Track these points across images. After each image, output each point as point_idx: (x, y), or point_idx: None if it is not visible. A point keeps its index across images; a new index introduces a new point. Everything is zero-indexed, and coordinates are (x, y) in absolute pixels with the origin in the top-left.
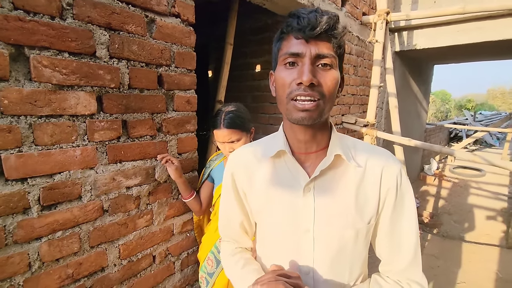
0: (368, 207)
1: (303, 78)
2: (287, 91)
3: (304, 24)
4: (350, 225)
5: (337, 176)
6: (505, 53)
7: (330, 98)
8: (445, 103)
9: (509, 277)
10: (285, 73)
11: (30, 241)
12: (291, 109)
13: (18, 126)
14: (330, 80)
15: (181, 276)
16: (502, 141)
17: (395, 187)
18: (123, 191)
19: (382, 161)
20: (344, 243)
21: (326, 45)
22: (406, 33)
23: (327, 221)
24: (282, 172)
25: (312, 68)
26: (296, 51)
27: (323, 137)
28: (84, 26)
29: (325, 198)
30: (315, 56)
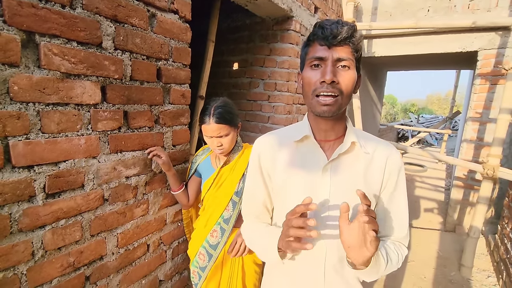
0: (373, 186)
1: (326, 77)
2: (312, 88)
3: (327, 34)
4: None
5: (349, 160)
6: (445, 64)
7: (347, 94)
8: (393, 106)
9: (447, 254)
10: (311, 73)
11: (35, 229)
12: (315, 104)
13: (27, 113)
14: (348, 79)
15: (172, 265)
16: (440, 141)
17: (396, 172)
18: (123, 181)
19: (387, 151)
20: (353, 214)
21: (345, 50)
22: (366, 41)
23: (340, 196)
24: (305, 154)
25: (333, 69)
26: (320, 56)
27: (340, 127)
28: (93, 17)
29: (339, 176)
30: (336, 59)
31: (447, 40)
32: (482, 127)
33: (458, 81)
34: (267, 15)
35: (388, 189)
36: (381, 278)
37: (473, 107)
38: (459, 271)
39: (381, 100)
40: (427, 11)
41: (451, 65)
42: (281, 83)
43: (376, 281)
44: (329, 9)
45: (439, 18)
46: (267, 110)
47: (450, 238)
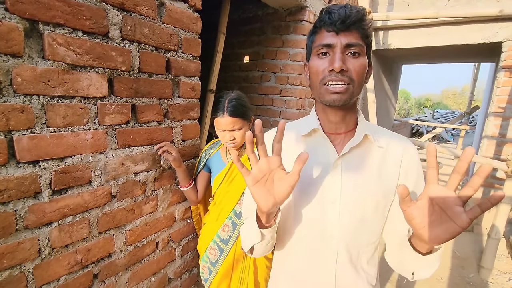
0: (388, 183)
1: (334, 65)
2: (320, 77)
3: (335, 19)
4: (372, 197)
5: (362, 154)
6: (464, 56)
7: (358, 82)
8: (406, 101)
9: (465, 255)
10: (318, 62)
11: (41, 227)
12: (324, 92)
13: (31, 106)
14: (358, 66)
15: (181, 262)
16: (456, 137)
17: (415, 167)
18: (131, 177)
19: (402, 145)
20: (366, 212)
21: (355, 36)
22: (382, 33)
23: (352, 193)
24: (314, 149)
25: (342, 56)
26: (328, 42)
27: (351, 119)
28: (99, 5)
29: (351, 173)
30: (345, 45)
31: (469, 31)
32: (505, 123)
33: (478, 74)
34: (280, 5)
35: (409, 186)
36: (394, 279)
37: (496, 102)
38: (478, 273)
39: (395, 95)
40: (447, 0)
41: (471, 58)
42: (293, 76)
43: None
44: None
45: (461, 7)
46: (278, 105)
47: (468, 238)
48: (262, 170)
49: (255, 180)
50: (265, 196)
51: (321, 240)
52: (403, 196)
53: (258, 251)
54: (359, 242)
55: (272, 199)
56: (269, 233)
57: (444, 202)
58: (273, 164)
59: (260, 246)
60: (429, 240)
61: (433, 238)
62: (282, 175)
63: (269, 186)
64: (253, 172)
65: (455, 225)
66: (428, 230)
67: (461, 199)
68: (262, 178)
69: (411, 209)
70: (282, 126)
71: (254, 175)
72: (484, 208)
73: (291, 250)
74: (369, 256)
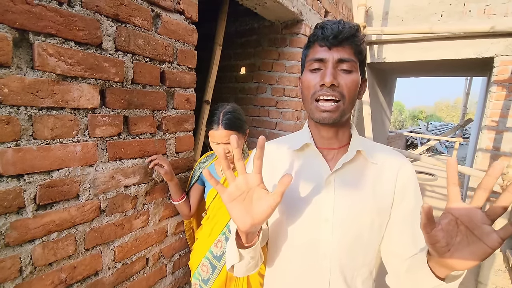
0: (383, 201)
1: (325, 80)
2: (311, 92)
3: (327, 34)
4: (366, 215)
5: (355, 171)
6: (457, 71)
7: (350, 98)
8: (401, 113)
9: None
10: (310, 76)
11: (23, 244)
12: (314, 110)
13: (18, 118)
14: (350, 82)
15: (173, 279)
16: (450, 149)
17: (412, 185)
18: (121, 190)
19: (398, 162)
20: (360, 231)
21: (347, 51)
22: (376, 46)
23: (345, 211)
24: (305, 164)
25: (333, 71)
26: (320, 57)
27: (344, 135)
28: (92, 16)
29: (344, 190)
30: (337, 60)
31: (461, 46)
32: (499, 136)
33: (470, 88)
34: (276, 18)
35: (408, 204)
36: None
37: (489, 115)
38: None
39: (390, 107)
40: (440, 16)
41: (464, 72)
42: (289, 88)
43: None
44: (339, 13)
45: (453, 23)
46: (274, 116)
47: None
48: (240, 187)
49: (231, 197)
50: (242, 215)
51: (314, 259)
52: (429, 217)
53: (240, 271)
54: (353, 262)
55: (249, 219)
56: (248, 254)
57: (470, 221)
58: (252, 182)
59: (239, 266)
60: (454, 266)
61: (459, 263)
62: (262, 195)
63: (247, 205)
64: (230, 189)
65: (485, 246)
66: (453, 254)
67: (489, 217)
68: (240, 196)
69: (435, 231)
70: (262, 142)
71: (230, 193)
72: None
73: (283, 268)
74: (364, 278)
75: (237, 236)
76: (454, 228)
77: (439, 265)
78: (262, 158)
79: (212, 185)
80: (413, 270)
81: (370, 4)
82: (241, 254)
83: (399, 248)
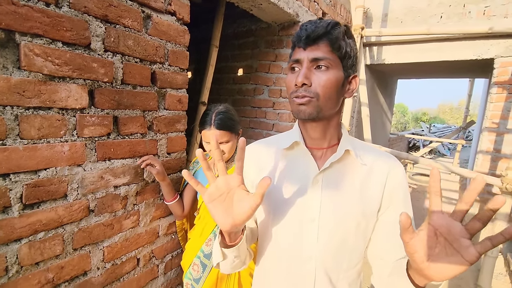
0: (371, 203)
1: (297, 80)
2: (290, 92)
3: (302, 34)
4: (353, 217)
5: (344, 171)
6: (457, 72)
7: (325, 96)
8: (404, 115)
9: (461, 274)
10: (290, 77)
11: (9, 243)
12: (292, 105)
13: (3, 117)
14: (324, 80)
15: (164, 280)
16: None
17: (401, 187)
18: (111, 190)
19: (389, 164)
20: (346, 233)
21: (322, 49)
22: (376, 48)
23: (332, 212)
24: (294, 163)
25: (306, 71)
26: (296, 58)
27: (333, 135)
28: (80, 16)
29: (331, 190)
30: (311, 60)
31: (461, 47)
32: (499, 138)
33: (472, 89)
34: (272, 20)
35: (396, 206)
36: None
37: (490, 117)
38: None
39: (391, 109)
40: (439, 18)
41: (464, 74)
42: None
43: None
44: (337, 15)
45: (453, 24)
46: (271, 118)
47: None
48: (220, 188)
49: (211, 198)
50: (222, 216)
51: (299, 260)
52: (406, 226)
53: (225, 269)
54: (338, 265)
55: (230, 220)
56: (232, 253)
57: (449, 233)
58: (232, 182)
59: (225, 264)
60: (431, 276)
61: (436, 274)
62: (242, 196)
63: (228, 206)
64: (210, 190)
65: (463, 259)
66: (431, 264)
67: (468, 231)
68: (220, 197)
69: (413, 241)
70: (242, 144)
71: (210, 193)
72: (495, 243)
73: (269, 269)
74: (351, 280)
75: (222, 235)
76: (433, 239)
77: (418, 274)
78: (243, 159)
79: (192, 185)
80: (394, 276)
81: (369, 6)
82: (224, 253)
83: (385, 252)
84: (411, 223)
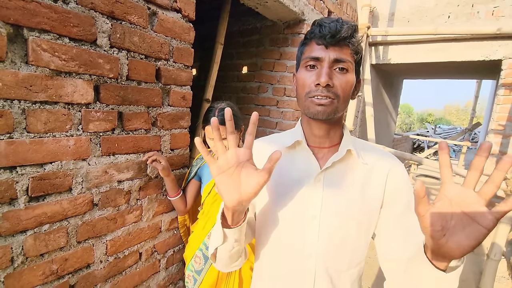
0: (371, 202)
1: (321, 79)
2: (306, 91)
3: (325, 32)
4: (354, 216)
5: (345, 170)
6: (464, 73)
7: (344, 98)
8: (409, 116)
9: (464, 276)
10: (306, 74)
11: (15, 234)
12: (309, 105)
13: (11, 111)
14: (345, 83)
15: (166, 274)
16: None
17: (403, 186)
18: (115, 185)
19: (389, 163)
20: (347, 232)
21: (344, 51)
22: (382, 47)
23: (333, 210)
24: (296, 162)
25: (329, 71)
26: (316, 56)
27: (336, 134)
28: (87, 12)
29: (333, 189)
30: (333, 60)
31: (468, 48)
32: (505, 140)
33: (479, 91)
34: (278, 18)
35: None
36: None
37: (496, 119)
38: None
39: (396, 109)
40: (447, 18)
41: (471, 75)
42: (290, 88)
43: None
44: (343, 13)
45: (461, 24)
46: (275, 116)
47: (467, 259)
48: (229, 161)
49: (220, 170)
50: (230, 190)
51: (299, 257)
52: (421, 196)
53: (222, 258)
54: (339, 264)
55: (237, 195)
56: (233, 235)
57: (464, 202)
58: (242, 156)
59: (223, 250)
60: (450, 251)
61: (455, 247)
62: (251, 171)
63: (235, 180)
64: (219, 162)
65: (480, 226)
66: (449, 238)
67: (483, 197)
68: (228, 170)
69: (429, 213)
70: (255, 118)
71: (220, 165)
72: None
73: (269, 265)
74: (353, 280)
75: (223, 217)
76: (449, 210)
77: (436, 255)
78: (254, 134)
79: (203, 155)
80: (411, 268)
81: (376, 5)
82: (225, 235)
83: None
84: (424, 194)
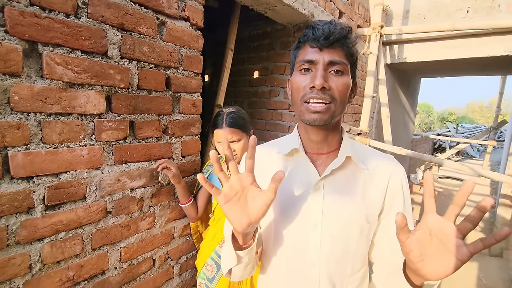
0: (372, 207)
1: (315, 82)
2: (301, 94)
3: (318, 34)
4: (356, 222)
5: (345, 176)
6: (486, 70)
7: (340, 101)
8: (429, 115)
9: (492, 283)
10: (300, 78)
11: (33, 242)
12: (304, 111)
13: (27, 123)
14: (341, 85)
15: (180, 281)
16: (483, 152)
17: (401, 191)
18: (127, 193)
19: (391, 168)
20: (349, 239)
21: (339, 53)
22: (397, 46)
23: (334, 218)
24: (294, 170)
25: (324, 73)
26: (310, 59)
27: (334, 139)
28: (98, 26)
29: (333, 196)
30: (328, 63)
31: (489, 43)
32: None
33: (504, 87)
34: (287, 21)
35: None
36: None
37: None
38: None
39: (414, 109)
40: (466, 12)
41: (494, 70)
42: None
43: None
44: (355, 14)
45: (480, 19)
46: (287, 120)
47: (496, 264)
48: (234, 188)
49: (227, 198)
50: (238, 215)
51: (302, 267)
52: (401, 226)
53: (237, 275)
54: (342, 270)
55: (246, 218)
56: (246, 255)
57: (443, 234)
58: (245, 181)
59: (238, 269)
60: (426, 275)
61: (431, 272)
62: (256, 193)
63: (243, 205)
64: (224, 190)
65: (455, 258)
66: (426, 264)
67: (460, 231)
68: (235, 197)
69: (409, 240)
70: (253, 142)
71: (226, 193)
72: (487, 244)
73: (272, 275)
74: (357, 284)
75: (233, 239)
76: (428, 239)
77: (414, 274)
78: (254, 157)
79: (207, 189)
80: (391, 276)
81: (389, 3)
82: (239, 256)
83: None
84: (406, 223)
